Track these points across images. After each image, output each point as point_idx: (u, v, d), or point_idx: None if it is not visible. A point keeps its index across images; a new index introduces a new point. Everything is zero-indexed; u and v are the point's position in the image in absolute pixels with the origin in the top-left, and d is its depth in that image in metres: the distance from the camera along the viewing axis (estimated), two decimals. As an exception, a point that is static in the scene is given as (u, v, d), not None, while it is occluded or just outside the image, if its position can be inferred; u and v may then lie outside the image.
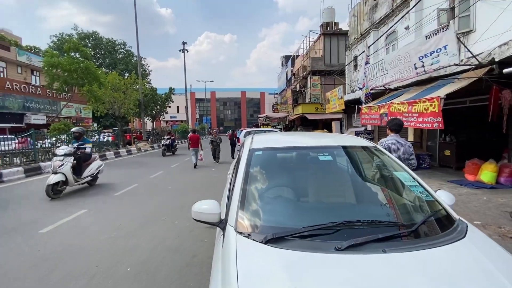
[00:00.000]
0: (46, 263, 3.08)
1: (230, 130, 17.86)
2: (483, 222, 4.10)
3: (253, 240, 1.38)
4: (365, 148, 2.35)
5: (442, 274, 1.17)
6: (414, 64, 6.99)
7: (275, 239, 1.35)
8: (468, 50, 6.29)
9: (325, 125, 20.77)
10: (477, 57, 5.87)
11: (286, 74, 35.92)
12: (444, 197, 1.84)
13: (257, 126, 30.17)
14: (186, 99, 36.41)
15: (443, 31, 6.08)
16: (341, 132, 15.15)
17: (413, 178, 1.95)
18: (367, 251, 1.26)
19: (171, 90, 31.77)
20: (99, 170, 7.22)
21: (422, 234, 1.47)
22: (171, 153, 16.04)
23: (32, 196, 6.25)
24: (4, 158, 9.51)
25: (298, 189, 2.13)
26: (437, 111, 5.90)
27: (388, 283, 1.11)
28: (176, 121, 53.76)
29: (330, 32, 23.02)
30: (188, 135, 11.61)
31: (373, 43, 12.17)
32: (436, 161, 9.26)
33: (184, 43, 33.21)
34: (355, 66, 15.67)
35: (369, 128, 12.10)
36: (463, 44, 6.66)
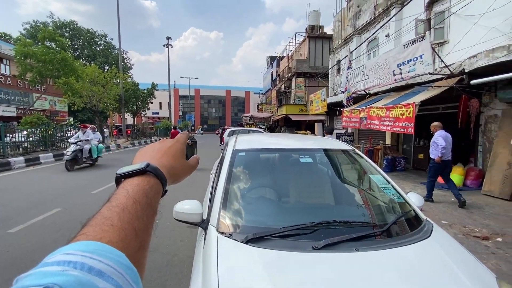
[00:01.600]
0: (16, 263, 2.94)
1: (221, 128, 18.38)
2: (450, 222, 4.40)
3: (234, 240, 1.42)
4: (344, 151, 2.46)
5: (408, 270, 1.27)
6: (393, 71, 7.32)
7: (256, 239, 1.40)
8: (441, 60, 6.70)
9: (308, 126, 21.18)
10: (449, 67, 6.27)
11: (272, 74, 36.15)
12: (414, 199, 1.97)
13: (241, 125, 30.15)
14: (170, 96, 35.58)
15: (419, 41, 6.43)
16: (323, 134, 15.50)
17: (387, 181, 2.07)
18: (341, 250, 1.34)
19: (153, 85, 30.97)
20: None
21: (393, 234, 1.58)
22: None
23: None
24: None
25: (279, 190, 2.19)
26: (411, 116, 6.23)
27: (359, 279, 1.19)
28: (159, 117, 52.47)
29: (315, 35, 23.48)
30: (170, 132, 14.20)
31: (356, 49, 12.57)
32: (410, 164, 9.75)
33: (168, 38, 32.47)
34: (338, 70, 16.10)
35: (349, 130, 12.50)
36: (437, 54, 7.07)
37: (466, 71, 6.04)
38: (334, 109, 13.16)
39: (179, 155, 0.53)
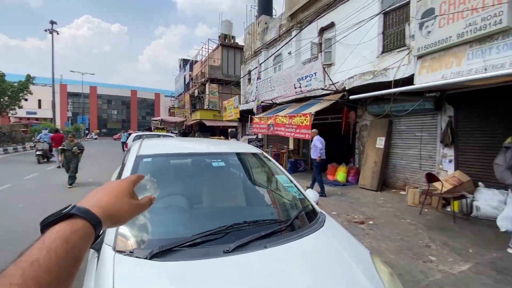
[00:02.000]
0: None
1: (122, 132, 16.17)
2: (338, 212, 5.30)
3: (136, 257, 1.25)
4: (254, 154, 2.58)
5: (307, 259, 1.43)
6: (294, 84, 8.33)
7: (163, 252, 1.27)
8: (330, 78, 8.09)
9: (222, 132, 21.46)
10: (335, 84, 7.63)
11: (184, 78, 34.90)
12: (311, 195, 2.26)
13: (150, 129, 27.67)
14: (54, 92, 28.94)
15: (314, 61, 7.57)
16: (236, 139, 16.03)
17: (290, 180, 2.29)
18: (251, 249, 1.38)
19: (29, 78, 24.57)
20: None
21: (295, 227, 1.74)
22: None
23: None
24: None
25: (191, 196, 2.09)
26: (308, 124, 7.23)
27: (268, 275, 1.25)
28: (37, 118, 41.85)
29: (228, 44, 24.23)
30: (50, 135, 11.65)
31: (264, 61, 13.68)
32: (309, 165, 11.26)
33: (52, 23, 26.64)
34: (249, 79, 17.09)
35: (260, 136, 13.40)
36: (327, 73, 8.51)
37: (346, 88, 7.51)
38: (246, 116, 13.84)
39: (123, 194, 0.52)
